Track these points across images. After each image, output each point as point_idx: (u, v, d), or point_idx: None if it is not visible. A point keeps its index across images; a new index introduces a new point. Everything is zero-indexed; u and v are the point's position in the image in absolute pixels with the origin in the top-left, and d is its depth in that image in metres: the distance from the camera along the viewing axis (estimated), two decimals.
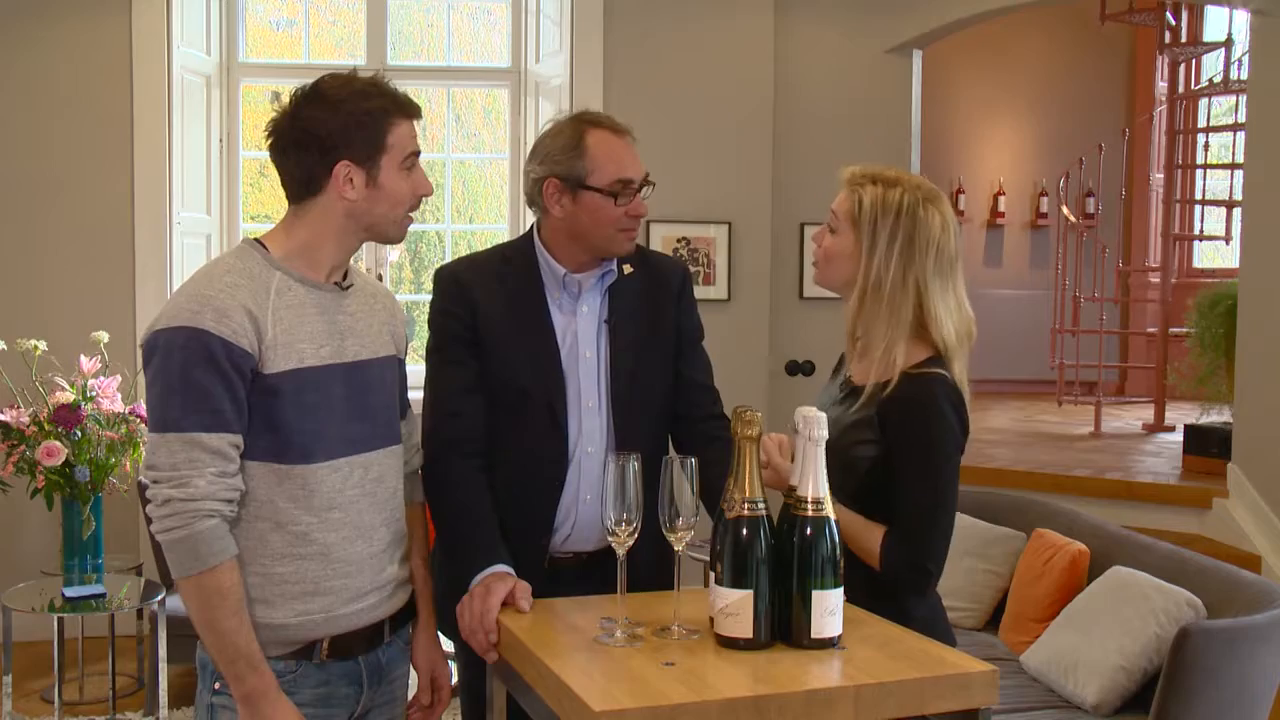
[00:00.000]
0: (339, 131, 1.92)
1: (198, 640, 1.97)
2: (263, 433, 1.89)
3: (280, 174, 2.00)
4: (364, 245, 2.25)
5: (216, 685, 1.95)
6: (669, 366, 2.36)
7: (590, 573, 2.19)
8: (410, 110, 2.00)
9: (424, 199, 2.05)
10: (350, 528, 1.97)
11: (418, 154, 2.01)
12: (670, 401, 2.36)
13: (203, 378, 1.83)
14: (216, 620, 1.85)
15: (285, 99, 1.98)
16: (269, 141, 1.99)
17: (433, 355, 2.31)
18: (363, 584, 2.00)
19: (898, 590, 2.13)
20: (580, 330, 2.29)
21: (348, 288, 2.04)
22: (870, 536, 2.11)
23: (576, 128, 2.26)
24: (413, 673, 2.20)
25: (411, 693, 2.20)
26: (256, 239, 2.00)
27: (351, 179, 1.94)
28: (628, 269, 2.35)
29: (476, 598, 2.03)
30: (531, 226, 2.40)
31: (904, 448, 2.11)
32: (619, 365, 2.30)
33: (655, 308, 2.37)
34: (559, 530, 2.27)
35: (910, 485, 2.10)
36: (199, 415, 1.83)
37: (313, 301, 1.96)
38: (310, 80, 1.98)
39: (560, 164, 2.24)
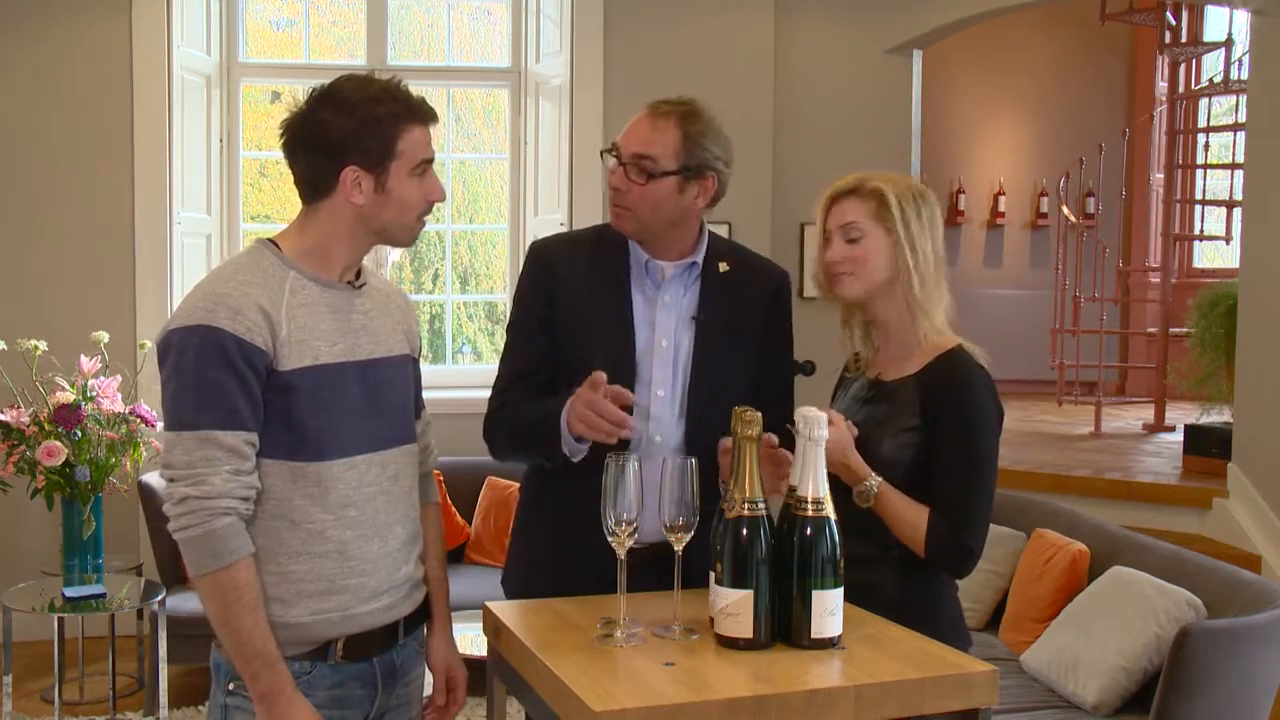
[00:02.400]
0: (349, 135, 1.92)
1: (212, 642, 1.98)
2: (278, 430, 1.89)
3: (292, 173, 2.00)
4: None
5: (230, 686, 1.95)
6: (749, 371, 2.32)
7: (655, 563, 2.04)
8: (424, 116, 1.98)
9: (436, 204, 2.04)
10: (366, 525, 1.97)
11: (431, 160, 2.00)
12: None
13: (217, 375, 1.84)
14: (233, 618, 1.85)
15: (300, 97, 1.98)
16: (282, 140, 1.99)
17: (509, 329, 2.36)
18: (379, 583, 1.99)
19: (940, 571, 2.16)
20: (659, 319, 2.28)
21: (361, 286, 2.04)
22: (919, 518, 2.12)
23: None
24: (428, 674, 2.20)
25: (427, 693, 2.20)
26: (269, 239, 2.00)
27: (360, 184, 1.94)
28: (724, 266, 2.34)
29: (579, 401, 2.07)
30: None
31: (943, 423, 2.14)
32: (701, 362, 2.28)
33: (746, 311, 2.34)
34: None
35: (949, 461, 2.13)
36: (214, 413, 1.83)
37: (326, 300, 1.97)
38: (311, 80, 1.98)
39: None
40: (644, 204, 2.24)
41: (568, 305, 2.28)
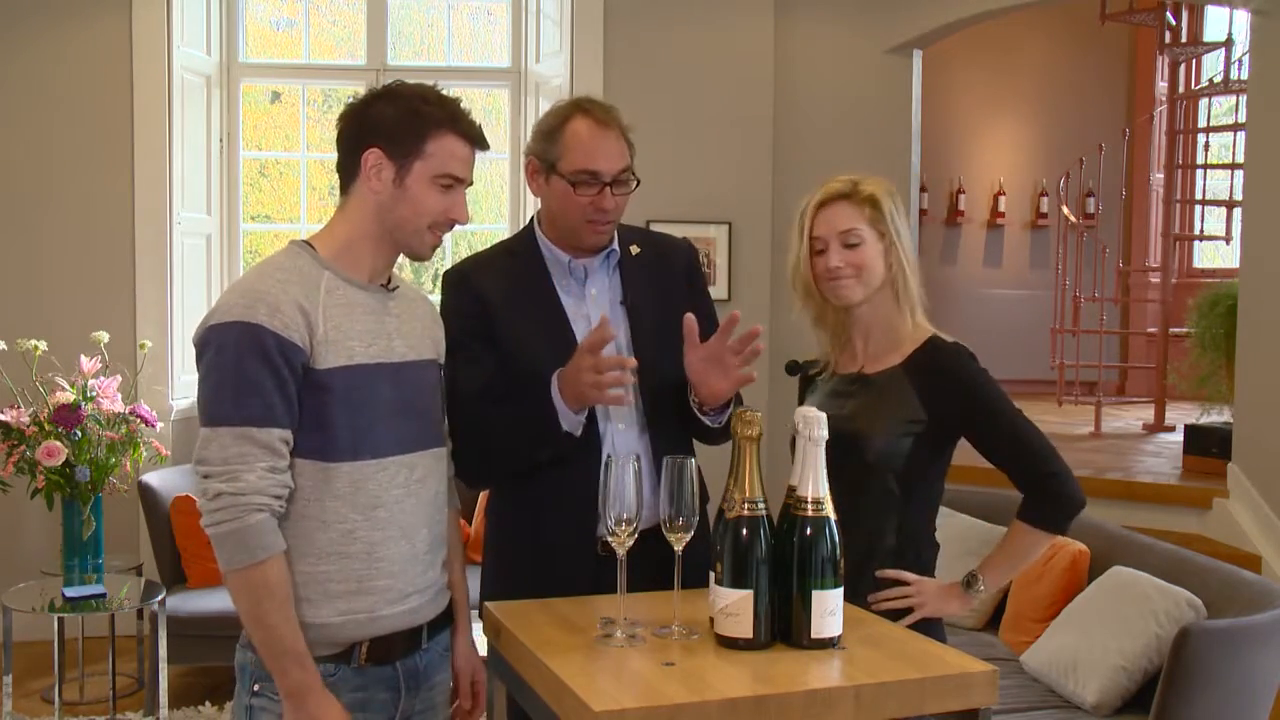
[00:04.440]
0: (383, 120, 1.95)
1: (237, 643, 1.99)
2: (312, 430, 1.90)
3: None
4: None
5: (256, 687, 1.95)
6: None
7: (645, 551, 1.98)
8: (468, 133, 2.00)
9: (456, 223, 2.04)
10: (394, 527, 1.98)
11: (461, 180, 2.01)
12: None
13: (255, 372, 1.85)
14: (264, 615, 1.86)
15: (332, 99, 2.02)
16: (337, 132, 2.03)
17: (448, 357, 2.31)
18: (406, 585, 2.00)
19: (1058, 529, 2.27)
20: (592, 312, 2.31)
21: (393, 290, 2.06)
22: (1030, 535, 2.26)
23: (566, 111, 2.30)
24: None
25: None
26: (305, 240, 2.02)
27: (379, 170, 1.96)
28: (635, 249, 2.37)
29: (578, 367, 2.11)
30: (533, 216, 2.42)
31: (962, 413, 2.22)
32: (641, 343, 2.31)
33: (667, 287, 2.39)
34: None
35: (993, 437, 2.23)
36: (250, 409, 1.85)
37: (360, 301, 1.98)
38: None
39: (540, 143, 2.30)
40: (620, 214, 2.33)
41: (501, 322, 2.29)
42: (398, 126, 1.95)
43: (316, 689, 1.88)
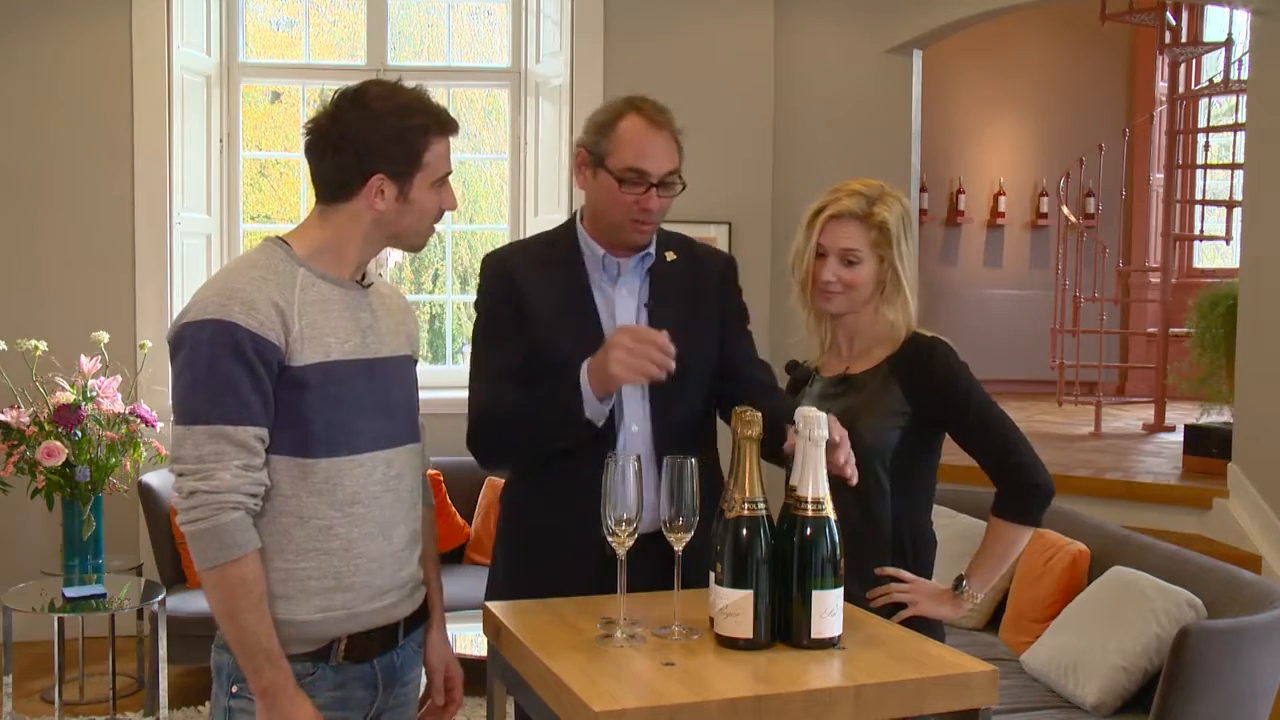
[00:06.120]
0: (378, 143, 1.94)
1: (212, 645, 1.98)
2: (288, 427, 1.90)
3: (312, 173, 2.02)
4: None
5: (234, 689, 1.95)
6: (712, 354, 2.36)
7: (646, 551, 1.97)
8: (449, 128, 2.02)
9: (448, 212, 2.08)
10: (372, 523, 1.98)
11: (449, 173, 2.04)
12: (712, 387, 2.37)
13: (230, 370, 1.84)
14: (238, 613, 1.86)
15: (327, 98, 2.00)
16: (306, 140, 2.00)
17: (479, 338, 2.35)
18: (384, 581, 2.00)
19: (1035, 520, 2.31)
20: (618, 311, 2.32)
21: (368, 286, 2.06)
22: (1007, 530, 2.29)
23: (621, 107, 2.32)
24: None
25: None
26: (279, 237, 2.01)
27: (383, 191, 1.96)
28: (671, 256, 2.38)
29: (619, 346, 2.09)
30: (578, 210, 2.44)
31: (941, 408, 2.26)
32: None
33: (697, 295, 2.39)
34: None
35: (970, 432, 2.27)
36: (225, 408, 1.84)
37: (336, 297, 1.98)
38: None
39: (591, 136, 2.32)
40: (663, 215, 2.34)
41: (532, 309, 2.30)
42: (395, 148, 1.94)
43: (289, 688, 1.88)
